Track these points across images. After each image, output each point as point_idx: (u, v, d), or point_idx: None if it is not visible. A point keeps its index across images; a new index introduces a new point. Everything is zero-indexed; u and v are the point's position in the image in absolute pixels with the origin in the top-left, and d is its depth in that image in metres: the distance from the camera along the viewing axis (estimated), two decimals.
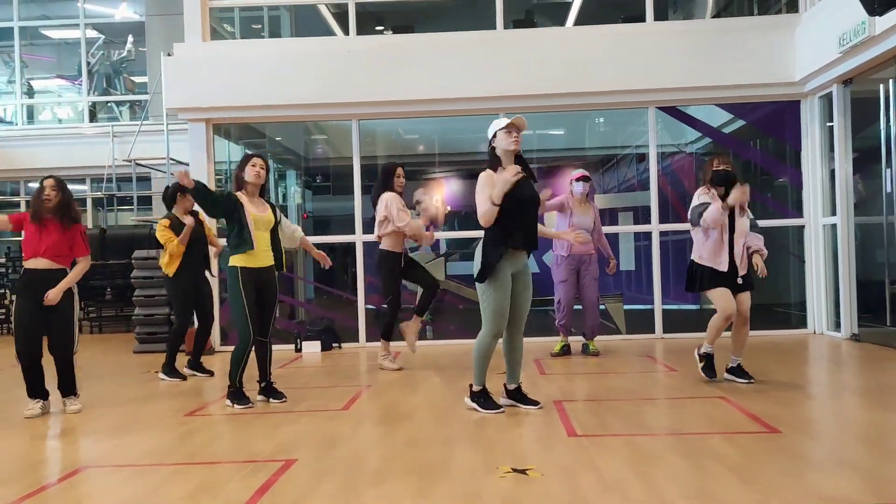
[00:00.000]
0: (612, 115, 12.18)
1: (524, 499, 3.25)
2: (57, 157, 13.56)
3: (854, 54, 7.57)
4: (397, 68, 9.04)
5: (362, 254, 9.41)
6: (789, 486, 3.30)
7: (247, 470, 3.84)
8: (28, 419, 5.24)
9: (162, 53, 9.33)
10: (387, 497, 3.32)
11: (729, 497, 3.18)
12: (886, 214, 7.74)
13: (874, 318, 8.20)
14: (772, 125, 9.74)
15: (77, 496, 3.55)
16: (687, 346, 8.16)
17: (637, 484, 3.37)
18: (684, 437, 4.23)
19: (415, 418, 4.99)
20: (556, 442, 4.19)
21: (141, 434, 4.79)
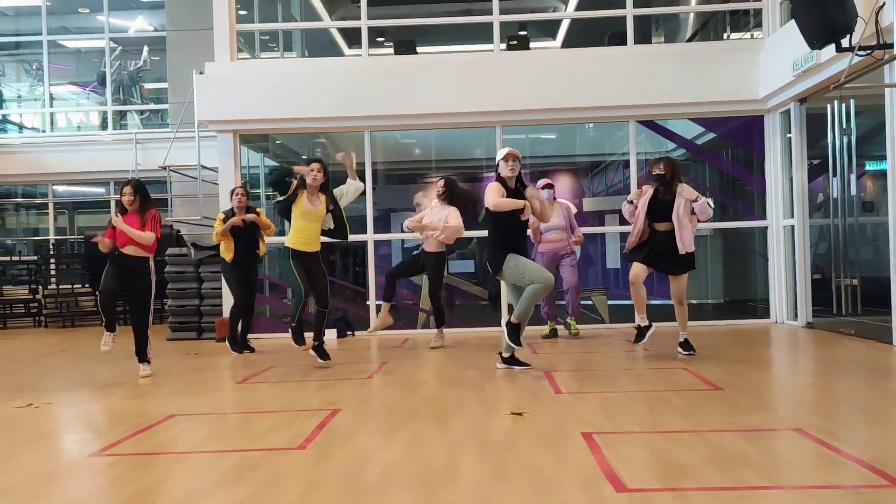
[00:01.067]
0: (600, 124, 13.30)
1: (520, 430, 4.35)
2: (81, 163, 14.59)
3: (805, 78, 8.71)
4: (405, 85, 10.14)
5: (373, 251, 10.51)
6: (717, 420, 4.42)
7: (304, 416, 4.93)
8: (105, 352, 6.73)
9: (194, 72, 10.39)
10: (417, 430, 4.41)
11: (672, 426, 4.29)
12: (832, 217, 8.87)
13: (826, 309, 9.33)
14: (740, 137, 10.87)
15: (176, 433, 4.63)
16: (662, 333, 9.29)
17: (606, 421, 4.48)
18: (646, 393, 5.35)
19: (429, 382, 6.09)
20: (545, 397, 5.30)
21: (208, 395, 5.89)
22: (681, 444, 3.91)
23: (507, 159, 6.25)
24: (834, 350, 7.51)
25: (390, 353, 8.14)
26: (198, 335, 10.50)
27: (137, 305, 6.79)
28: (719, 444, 3.89)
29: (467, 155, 14.41)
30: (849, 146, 8.55)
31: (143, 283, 6.71)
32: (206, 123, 10.56)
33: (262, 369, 7.21)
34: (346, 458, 3.86)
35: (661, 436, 4.10)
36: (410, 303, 12.08)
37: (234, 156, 10.45)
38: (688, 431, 4.15)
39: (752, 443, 3.88)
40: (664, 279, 13.18)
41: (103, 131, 15.91)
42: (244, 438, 4.46)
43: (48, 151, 15.00)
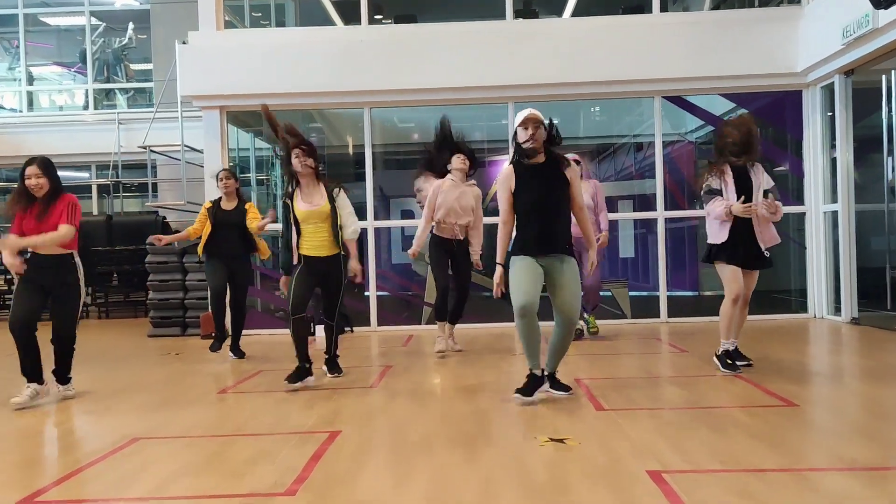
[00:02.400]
0: (608, 104, 12.38)
1: (567, 463, 3.47)
2: (61, 144, 13.62)
3: (857, 46, 7.80)
4: (408, 57, 9.21)
5: (373, 239, 9.61)
6: (813, 451, 3.54)
7: (295, 440, 4.04)
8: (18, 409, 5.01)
9: (177, 42, 9.45)
10: (438, 464, 3.52)
11: (757, 461, 3.41)
12: (888, 202, 7.99)
13: (873, 302, 8.47)
14: (773, 114, 9.96)
15: (140, 462, 3.73)
16: (690, 329, 8.45)
17: (671, 452, 3.59)
18: (706, 411, 4.46)
19: (443, 394, 5.20)
20: (586, 415, 4.41)
21: (183, 410, 4.99)
22: (780, 487, 3.03)
23: (526, 125, 4.62)
24: (888, 350, 6.66)
25: (394, 355, 7.25)
26: (182, 331, 9.61)
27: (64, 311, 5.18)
28: (829, 488, 3.01)
29: (471, 137, 13.53)
30: None
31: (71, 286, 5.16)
32: (190, 99, 9.61)
33: (250, 374, 6.31)
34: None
35: (749, 476, 3.21)
36: (410, 293, 11.23)
37: (221, 135, 9.51)
38: (783, 470, 3.26)
39: (870, 487, 3.00)
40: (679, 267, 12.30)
41: (85, 111, 14.98)
42: (220, 475, 3.54)
43: (27, 132, 14.07)
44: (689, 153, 12.73)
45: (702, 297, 12.70)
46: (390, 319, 9.74)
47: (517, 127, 4.73)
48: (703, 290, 12.99)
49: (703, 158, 13.05)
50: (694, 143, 12.68)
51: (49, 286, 5.10)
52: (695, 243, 12.91)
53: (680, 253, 12.33)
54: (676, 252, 12.18)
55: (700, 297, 12.69)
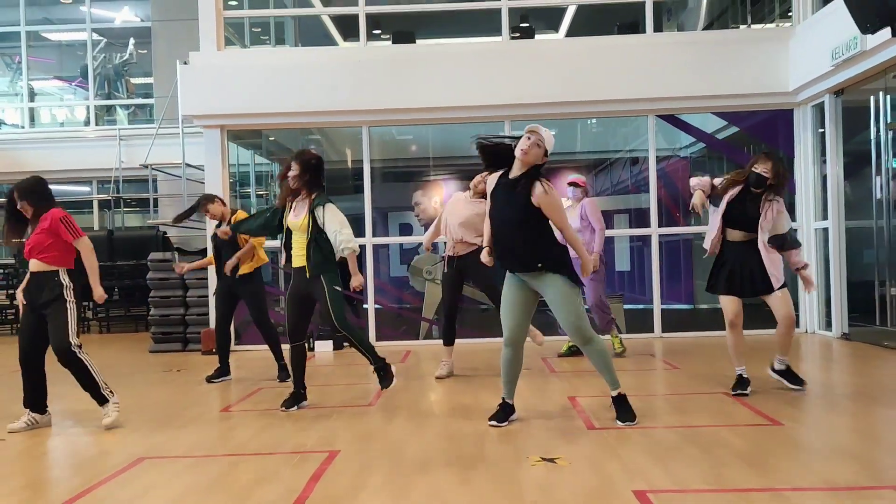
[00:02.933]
0: (605, 118, 12.54)
1: (558, 484, 3.60)
2: (62, 160, 13.78)
3: (845, 67, 7.96)
4: (406, 77, 9.36)
5: (372, 255, 9.75)
6: (796, 472, 3.67)
7: (295, 460, 4.18)
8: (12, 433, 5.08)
9: (178, 62, 9.60)
10: (434, 485, 3.65)
11: (741, 481, 3.54)
12: (876, 219, 8.14)
13: (863, 317, 8.61)
14: (765, 132, 10.13)
15: (143, 486, 3.86)
16: (684, 345, 8.59)
17: (659, 472, 3.72)
18: (696, 430, 4.59)
19: (439, 414, 5.34)
20: (578, 434, 4.55)
21: (187, 428, 5.12)
22: None
23: (529, 135, 4.57)
24: (884, 368, 6.79)
25: None
26: (183, 347, 9.73)
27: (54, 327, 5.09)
28: None
29: (468, 151, 13.69)
30: (894, 141, 7.82)
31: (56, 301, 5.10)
32: (191, 118, 9.76)
33: (250, 392, 6.44)
34: None
35: (733, 496, 3.34)
36: (409, 307, 11.35)
37: (222, 153, 9.66)
38: (765, 490, 3.40)
39: None
40: (675, 279, 12.41)
41: (86, 127, 15.13)
42: (226, 495, 3.68)
43: (29, 148, 14.21)
44: (683, 168, 12.91)
45: (697, 310, 12.86)
46: (388, 335, 9.87)
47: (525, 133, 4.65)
48: (697, 303, 13.16)
49: (697, 171, 13.26)
50: (688, 158, 12.86)
51: (38, 306, 5.13)
52: (690, 257, 13.08)
53: (675, 266, 12.48)
54: (672, 266, 12.33)
55: (695, 310, 12.85)
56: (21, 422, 5.16)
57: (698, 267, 13.12)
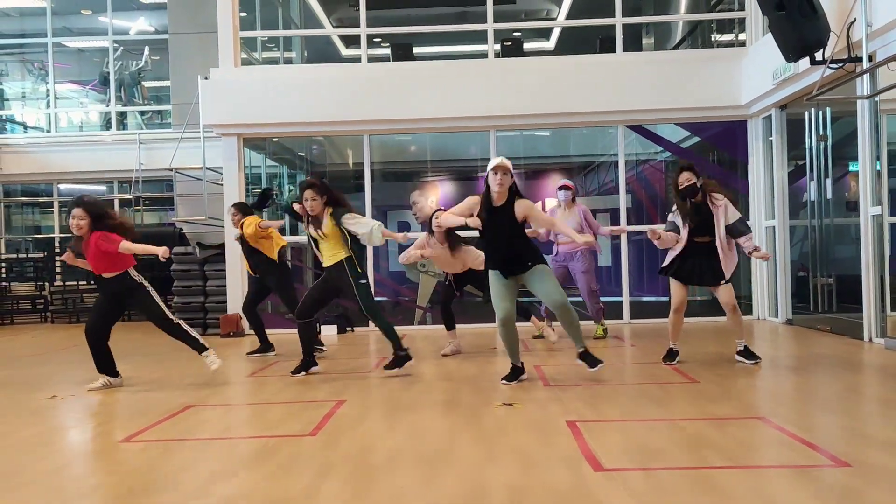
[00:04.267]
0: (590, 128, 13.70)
1: (511, 419, 4.79)
2: (85, 162, 14.96)
3: (784, 86, 9.16)
4: (402, 91, 10.56)
5: (372, 251, 10.92)
6: (689, 410, 4.87)
7: (312, 406, 5.37)
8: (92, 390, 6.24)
9: (199, 77, 10.79)
10: (419, 420, 4.84)
11: (648, 415, 4.73)
12: (810, 218, 9.33)
13: (804, 306, 9.79)
14: (724, 141, 11.32)
15: (196, 422, 5.05)
16: (645, 329, 9.78)
17: (589, 411, 4.92)
18: (627, 385, 5.80)
19: (427, 376, 6.53)
20: (535, 389, 5.74)
21: (221, 387, 6.32)
22: (654, 430, 4.35)
23: (496, 171, 5.61)
24: (808, 345, 7.97)
25: (389, 349, 8.55)
26: (203, 331, 10.91)
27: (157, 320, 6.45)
28: (689, 430, 4.34)
29: (462, 154, 14.86)
30: (825, 150, 9.01)
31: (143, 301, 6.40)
32: (211, 128, 10.96)
33: (269, 363, 7.64)
34: (355, 443, 4.29)
35: (637, 423, 4.54)
36: (407, 299, 12.54)
37: (238, 158, 10.87)
38: (662, 420, 4.60)
39: (718, 429, 4.33)
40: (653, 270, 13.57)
41: (106, 132, 16.27)
42: (259, 426, 4.89)
43: (53, 151, 15.34)
44: (661, 171, 14.09)
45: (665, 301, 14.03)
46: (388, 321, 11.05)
47: (489, 171, 5.68)
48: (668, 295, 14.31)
49: (671, 174, 14.43)
50: (665, 161, 14.03)
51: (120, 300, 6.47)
52: (665, 251, 14.25)
53: (653, 262, 13.64)
54: (651, 261, 13.52)
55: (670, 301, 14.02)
56: (98, 382, 6.35)
57: None
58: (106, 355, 6.39)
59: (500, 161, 5.69)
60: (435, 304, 10.83)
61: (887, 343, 7.36)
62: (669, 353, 6.79)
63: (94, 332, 6.33)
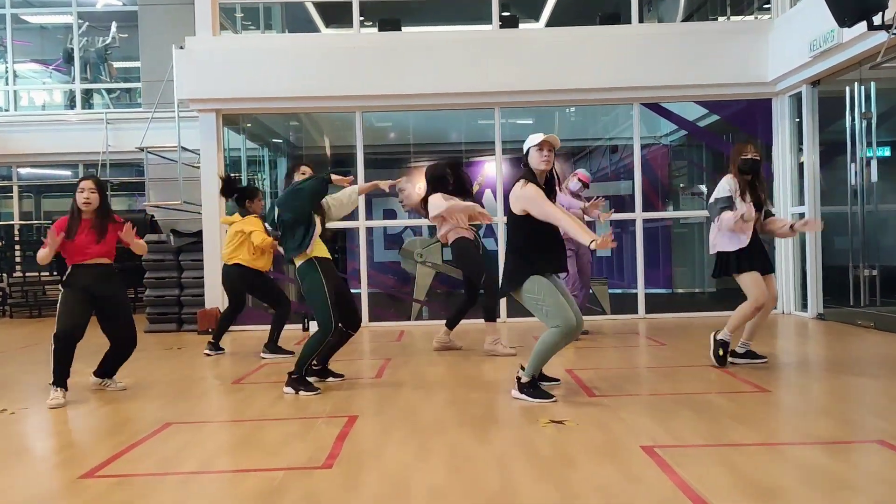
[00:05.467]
0: (585, 107, 12.83)
1: (570, 442, 3.89)
2: (48, 144, 13.83)
3: (823, 59, 8.33)
4: (399, 64, 9.59)
5: (364, 239, 9.98)
6: (783, 429, 4.01)
7: (318, 423, 4.43)
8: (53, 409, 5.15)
9: (173, 47, 9.72)
10: (456, 445, 3.92)
11: (736, 437, 3.86)
12: (850, 205, 8.54)
13: (836, 299, 9.03)
14: (744, 120, 10.49)
15: (177, 446, 4.09)
16: (666, 324, 8.96)
17: (660, 431, 4.04)
18: (688, 395, 4.91)
19: (446, 384, 5.62)
20: (580, 401, 4.85)
21: (204, 398, 5.35)
22: (756, 459, 3.48)
23: (542, 148, 4.81)
24: (858, 344, 7.19)
25: (390, 349, 7.64)
26: (178, 327, 9.92)
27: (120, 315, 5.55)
28: (800, 459, 3.48)
29: (447, 139, 13.95)
30: (868, 130, 8.21)
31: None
32: (186, 102, 9.90)
33: (256, 367, 6.68)
34: (383, 479, 3.37)
35: (730, 450, 3.66)
36: (392, 289, 11.61)
37: (217, 137, 9.83)
38: (759, 444, 3.72)
39: (835, 457, 3.47)
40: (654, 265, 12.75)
41: (70, 111, 15.11)
42: (258, 453, 3.93)
43: (12, 131, 14.19)
44: (663, 156, 13.28)
45: (675, 294, 13.27)
46: (381, 315, 10.13)
47: (531, 147, 4.87)
48: (676, 288, 13.57)
49: (676, 160, 13.64)
50: (668, 146, 13.22)
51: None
52: (668, 243, 13.48)
53: (654, 252, 12.85)
54: (651, 251, 12.71)
55: (674, 294, 13.27)
56: (60, 397, 5.23)
57: (677, 253, 13.54)
58: (69, 364, 5.37)
59: (547, 137, 4.83)
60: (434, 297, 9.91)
61: None
62: (723, 345, 5.88)
63: (76, 337, 5.30)
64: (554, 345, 4.78)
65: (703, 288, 13.38)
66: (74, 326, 5.27)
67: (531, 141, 4.90)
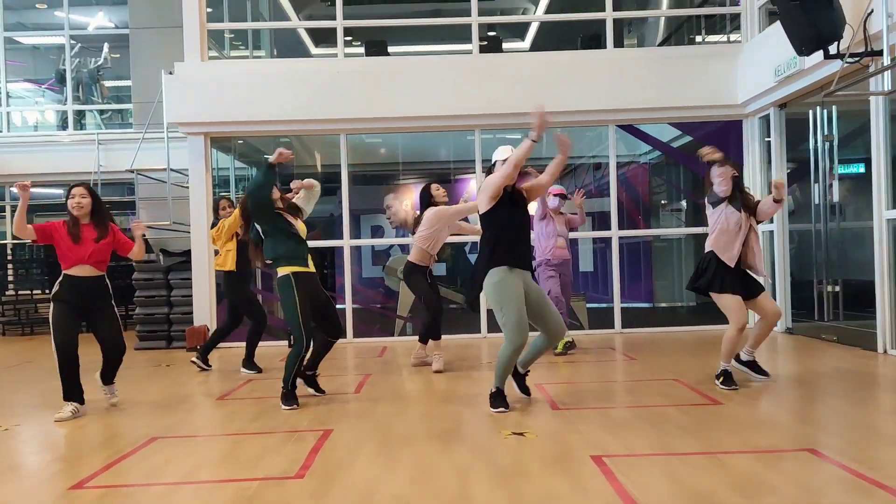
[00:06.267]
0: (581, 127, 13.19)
1: (527, 453, 4.18)
2: (40, 164, 14.07)
3: (787, 84, 8.69)
4: (382, 87, 9.91)
5: (349, 257, 10.28)
6: (727, 439, 4.31)
7: (295, 438, 4.71)
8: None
9: (163, 72, 10.04)
10: (422, 457, 4.21)
11: (682, 447, 4.16)
12: (815, 222, 8.88)
13: (804, 313, 9.34)
14: (717, 141, 10.77)
15: (162, 459, 4.36)
16: (642, 339, 9.26)
17: (613, 442, 4.33)
18: (646, 409, 5.21)
19: (420, 398, 5.90)
20: (544, 414, 5.14)
21: (189, 414, 5.62)
22: (696, 467, 3.78)
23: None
24: (820, 357, 7.49)
25: (372, 365, 7.92)
26: (167, 344, 10.18)
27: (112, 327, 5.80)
28: (736, 467, 3.77)
29: (435, 157, 14.26)
30: (830, 151, 8.56)
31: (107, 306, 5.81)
32: (175, 126, 10.21)
33: (241, 383, 6.95)
34: (350, 488, 3.65)
35: (673, 458, 3.96)
36: (379, 306, 11.88)
37: (206, 158, 10.13)
38: (701, 453, 4.02)
39: (768, 466, 3.77)
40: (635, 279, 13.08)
41: (62, 131, 15.38)
42: (237, 465, 4.22)
43: (4, 152, 14.44)
44: (644, 173, 13.62)
45: (656, 308, 13.58)
46: (364, 331, 10.41)
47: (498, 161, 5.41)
48: (657, 302, 13.87)
49: (656, 177, 13.99)
50: (647, 164, 13.56)
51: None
52: (649, 258, 13.79)
53: (636, 267, 13.17)
54: (633, 266, 13.04)
55: (654, 308, 13.57)
56: (66, 411, 5.54)
57: (658, 267, 13.85)
58: (76, 377, 5.64)
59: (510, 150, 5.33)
60: (418, 314, 10.18)
61: None
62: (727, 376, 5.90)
63: (71, 347, 5.56)
64: (507, 358, 5.16)
65: (683, 302, 13.68)
66: (65, 340, 5.52)
67: (499, 154, 5.36)
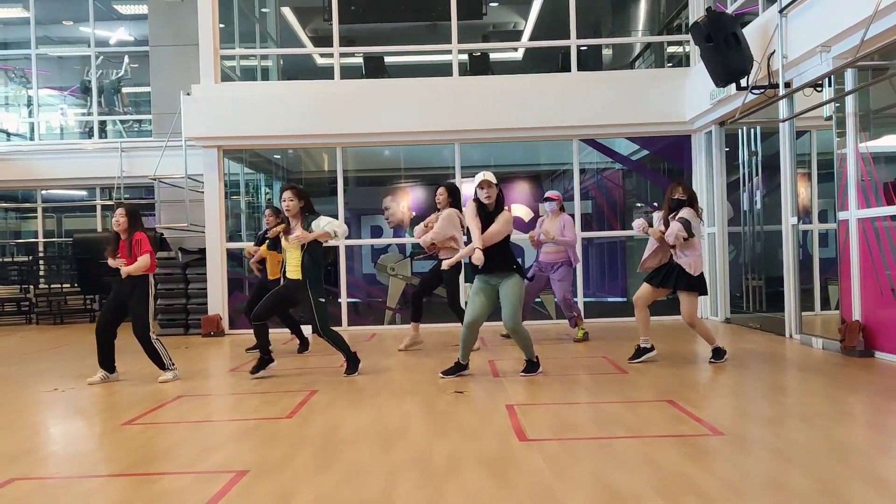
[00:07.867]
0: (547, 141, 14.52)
1: (460, 404, 5.59)
2: (68, 170, 15.54)
3: (719, 106, 10.06)
4: (372, 107, 11.33)
5: (344, 254, 11.71)
6: (612, 395, 5.70)
7: (289, 395, 6.14)
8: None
9: (182, 93, 11.49)
10: (381, 406, 5.62)
11: (576, 399, 5.55)
12: (742, 225, 10.25)
13: (741, 305, 10.71)
14: (671, 153, 12.21)
15: (187, 408, 5.79)
16: (599, 327, 10.62)
17: (528, 397, 5.73)
18: (566, 376, 6.61)
19: (392, 370, 7.32)
20: (486, 380, 6.55)
21: (206, 381, 7.08)
22: (577, 411, 5.18)
23: (483, 186, 6.28)
24: (738, 341, 8.85)
25: (359, 347, 9.33)
26: (185, 331, 11.63)
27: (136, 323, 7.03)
28: (606, 411, 5.17)
29: (433, 162, 15.64)
30: (756, 165, 9.92)
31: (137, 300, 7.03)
32: (192, 140, 11.66)
33: (248, 360, 8.37)
34: (325, 424, 5.07)
35: (564, 406, 5.36)
36: (379, 300, 13.31)
37: (218, 168, 11.58)
38: (586, 403, 5.43)
39: (630, 410, 5.17)
40: (613, 274, 14.39)
41: (87, 140, 16.83)
42: (242, 412, 5.66)
43: (35, 158, 15.87)
44: (618, 178, 14.98)
45: (629, 302, 14.90)
46: (357, 321, 11.84)
47: (476, 187, 6.34)
48: (630, 296, 15.20)
49: (629, 182, 15.35)
50: (622, 170, 14.93)
51: None
52: (624, 255, 15.15)
53: (613, 265, 14.54)
54: (610, 264, 14.43)
55: (627, 302, 14.91)
56: (97, 376, 7.06)
57: (630, 265, 15.20)
58: (110, 352, 7.11)
59: (483, 176, 6.33)
60: (406, 304, 11.58)
61: (802, 339, 8.28)
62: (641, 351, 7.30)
63: (104, 329, 7.05)
64: (462, 335, 6.59)
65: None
66: (99, 320, 7.11)
67: (475, 181, 6.42)
